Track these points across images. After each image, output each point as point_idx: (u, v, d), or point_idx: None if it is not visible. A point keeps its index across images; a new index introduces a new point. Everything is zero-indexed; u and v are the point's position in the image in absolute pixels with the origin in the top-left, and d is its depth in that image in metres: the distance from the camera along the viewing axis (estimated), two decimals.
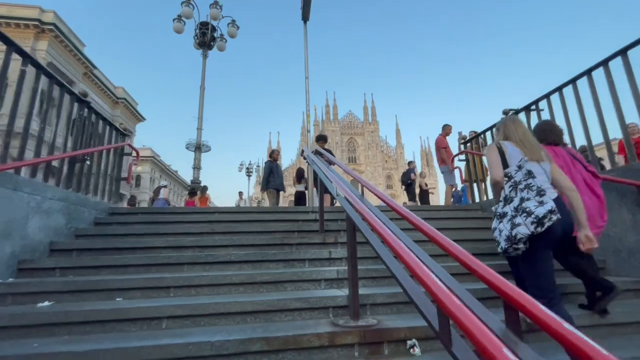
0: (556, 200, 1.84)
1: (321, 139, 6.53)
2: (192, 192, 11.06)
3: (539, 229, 1.72)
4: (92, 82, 33.48)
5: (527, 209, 1.76)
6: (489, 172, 2.22)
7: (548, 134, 2.55)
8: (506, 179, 1.93)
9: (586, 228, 1.93)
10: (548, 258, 1.86)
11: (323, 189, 3.40)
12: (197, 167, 10.47)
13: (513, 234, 1.77)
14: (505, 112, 4.40)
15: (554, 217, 1.72)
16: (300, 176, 8.87)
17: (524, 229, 1.74)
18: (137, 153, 5.32)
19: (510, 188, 1.89)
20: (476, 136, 5.81)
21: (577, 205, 1.95)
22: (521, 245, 1.78)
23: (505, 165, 1.98)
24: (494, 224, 1.95)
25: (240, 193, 16.02)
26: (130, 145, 5.17)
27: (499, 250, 1.88)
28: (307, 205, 6.76)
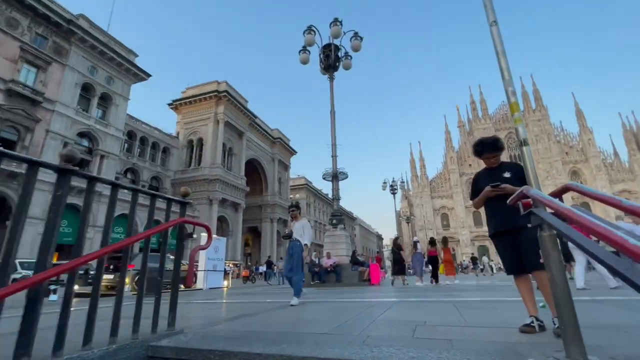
0: None
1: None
2: (431, 242, 12.02)
3: None
4: (256, 129, 40.40)
5: None
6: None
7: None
8: None
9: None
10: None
11: None
12: (336, 198, 9.72)
13: None
14: None
15: None
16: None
17: None
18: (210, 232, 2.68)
19: None
20: None
21: None
22: None
23: None
24: None
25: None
26: None
27: None
28: None
